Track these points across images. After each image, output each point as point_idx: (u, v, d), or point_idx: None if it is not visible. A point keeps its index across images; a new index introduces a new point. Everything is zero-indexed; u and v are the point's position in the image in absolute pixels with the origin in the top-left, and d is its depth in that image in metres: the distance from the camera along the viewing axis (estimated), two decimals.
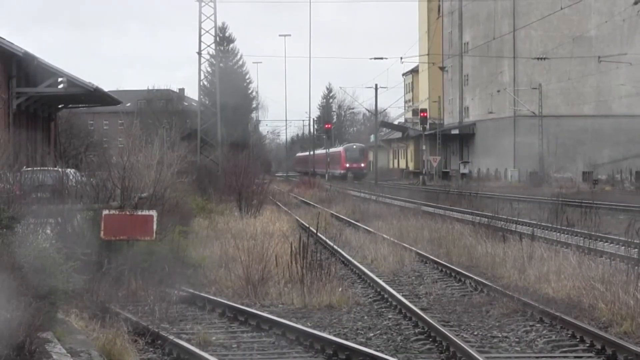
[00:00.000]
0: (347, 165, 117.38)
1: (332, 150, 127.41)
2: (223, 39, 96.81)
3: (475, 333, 14.99)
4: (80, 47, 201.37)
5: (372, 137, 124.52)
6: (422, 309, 16.35)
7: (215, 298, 17.66)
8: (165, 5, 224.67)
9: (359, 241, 28.26)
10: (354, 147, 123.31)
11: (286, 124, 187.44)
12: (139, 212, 18.17)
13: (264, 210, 38.28)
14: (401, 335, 14.88)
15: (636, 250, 19.01)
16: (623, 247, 20.75)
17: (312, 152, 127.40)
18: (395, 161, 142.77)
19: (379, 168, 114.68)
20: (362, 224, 33.82)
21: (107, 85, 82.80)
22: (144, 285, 17.00)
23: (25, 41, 65.69)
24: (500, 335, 14.79)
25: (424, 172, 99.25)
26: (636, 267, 17.85)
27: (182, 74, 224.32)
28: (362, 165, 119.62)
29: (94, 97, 48.78)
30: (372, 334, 15.06)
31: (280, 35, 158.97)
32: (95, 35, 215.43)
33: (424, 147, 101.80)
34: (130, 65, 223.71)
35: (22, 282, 10.82)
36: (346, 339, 13.99)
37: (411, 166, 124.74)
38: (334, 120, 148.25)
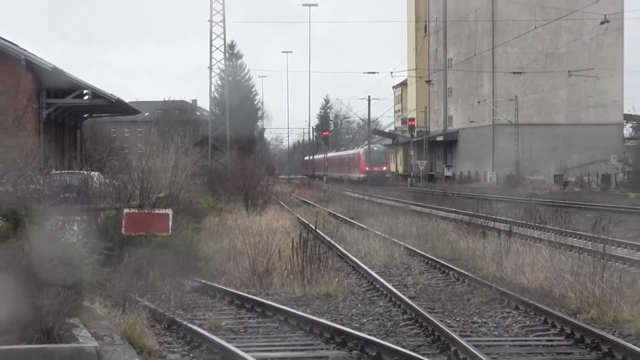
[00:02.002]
0: (368, 168, 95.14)
1: (349, 152, 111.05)
2: (232, 55, 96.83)
3: (458, 319, 15.00)
4: (101, 61, 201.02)
5: (365, 143, 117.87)
6: (410, 298, 16.36)
7: (224, 287, 17.66)
8: (179, 24, 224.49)
9: (353, 237, 28.25)
10: (375, 148, 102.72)
11: (288, 132, 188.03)
12: (157, 211, 18.15)
13: (268, 209, 38.25)
14: (391, 321, 14.89)
15: (602, 245, 19.02)
16: (590, 242, 20.76)
17: (311, 157, 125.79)
18: None
19: None
20: (356, 222, 33.81)
21: (126, 96, 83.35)
22: (161, 276, 16.99)
23: (52, 55, 65.75)
24: (480, 321, 14.80)
25: (412, 175, 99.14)
26: (602, 260, 17.86)
27: (195, 86, 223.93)
28: (384, 168, 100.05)
29: (116, 107, 48.76)
30: (365, 320, 15.07)
31: (282, 52, 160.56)
32: (115, 50, 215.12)
33: (412, 153, 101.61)
34: (147, 78, 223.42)
35: (52, 273, 10.82)
36: (342, 325, 13.98)
37: (400, 169, 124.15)
38: (331, 128, 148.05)
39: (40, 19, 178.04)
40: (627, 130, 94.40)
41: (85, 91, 43.77)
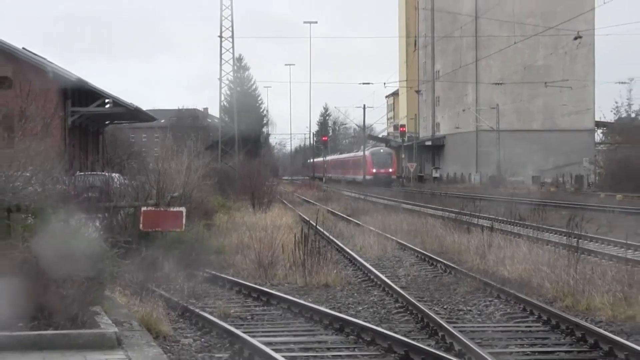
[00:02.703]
0: (374, 170, 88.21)
1: (355, 154, 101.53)
2: (240, 68, 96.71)
3: (445, 307, 14.99)
4: (122, 73, 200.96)
5: (361, 148, 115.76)
6: (401, 288, 16.35)
7: (232, 278, 17.67)
8: (192, 40, 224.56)
9: (350, 232, 28.25)
10: (382, 151, 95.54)
11: (291, 137, 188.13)
12: (171, 209, 18.18)
13: (273, 207, 38.20)
14: (385, 309, 14.89)
15: (575, 239, 19.01)
16: (565, 237, 20.75)
17: (312, 160, 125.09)
18: None
19: None
20: (353, 219, 33.79)
21: (143, 104, 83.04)
22: (175, 268, 17.01)
23: (77, 68, 65.74)
24: (465, 309, 14.80)
25: (402, 176, 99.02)
26: (575, 254, 17.86)
27: (206, 95, 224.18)
28: (391, 170, 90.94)
29: (134, 114, 48.86)
30: (361, 308, 15.06)
31: (286, 65, 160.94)
32: (134, 63, 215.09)
33: (403, 156, 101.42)
34: (163, 88, 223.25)
35: (76, 265, 10.82)
36: (340, 312, 13.99)
37: None
38: (330, 134, 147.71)
39: (67, 35, 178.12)
40: (598, 135, 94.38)
41: (106, 100, 43.90)
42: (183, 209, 18.14)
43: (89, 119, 44.96)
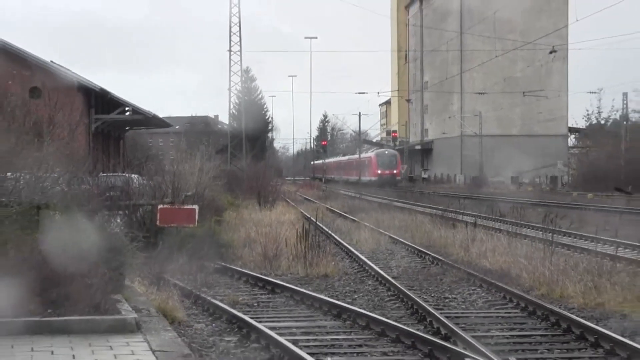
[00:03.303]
0: (379, 172, 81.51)
1: (361, 156, 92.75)
2: (247, 79, 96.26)
3: (432, 295, 15.00)
4: (140, 83, 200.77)
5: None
6: (393, 278, 16.36)
7: (241, 269, 17.68)
8: (204, 53, 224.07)
9: (347, 228, 28.26)
10: (386, 152, 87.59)
11: (293, 141, 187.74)
12: (185, 206, 18.14)
13: (277, 205, 38.19)
14: (378, 297, 14.90)
15: (550, 234, 19.06)
16: (541, 232, 20.79)
17: (312, 162, 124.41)
18: None
19: None
20: (349, 215, 33.80)
21: (160, 112, 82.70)
22: (188, 260, 17.00)
23: (100, 78, 65.79)
24: (450, 297, 14.81)
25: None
26: (550, 247, 17.92)
27: (216, 103, 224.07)
28: (395, 172, 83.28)
29: (152, 121, 48.81)
30: (356, 296, 15.07)
31: (288, 76, 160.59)
32: (151, 74, 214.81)
33: None
34: (177, 97, 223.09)
35: (99, 257, 10.83)
36: (337, 300, 14.00)
37: None
38: (329, 138, 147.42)
39: (90, 49, 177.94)
40: (571, 140, 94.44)
41: (126, 108, 43.86)
42: (196, 207, 18.10)
43: (110, 125, 44.94)
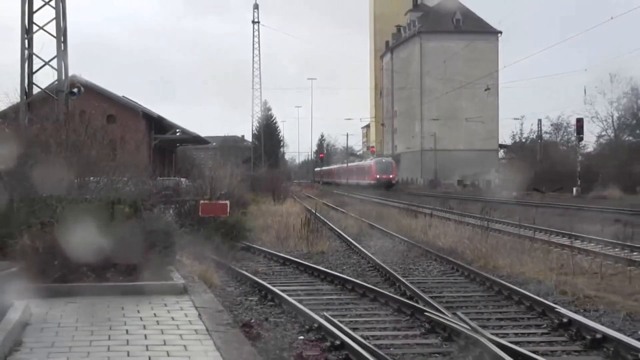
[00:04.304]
0: (378, 176, 72.18)
1: (361, 163, 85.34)
2: (265, 109, 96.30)
3: (400, 267, 14.96)
4: (187, 111, 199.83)
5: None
6: (372, 254, 16.32)
7: (260, 248, 17.66)
8: (234, 88, 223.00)
9: (338, 217, 28.20)
10: (384, 160, 78.13)
11: (298, 154, 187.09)
12: (220, 202, 18.12)
13: (287, 201, 38.16)
14: (360, 268, 14.88)
15: (486, 222, 19.07)
16: (479, 220, 20.77)
17: (315, 169, 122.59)
18: None
19: None
20: (340, 208, 33.74)
21: (201, 132, 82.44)
22: (222, 241, 16.99)
23: (154, 107, 65.53)
24: (414, 268, 14.79)
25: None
26: (486, 231, 17.91)
27: (243, 127, 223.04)
28: (391, 176, 73.67)
29: (195, 139, 48.80)
30: (345, 267, 15.05)
31: (295, 106, 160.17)
32: (195, 104, 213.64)
33: None
34: (214, 121, 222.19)
35: (157, 239, 10.80)
36: (331, 270, 13.99)
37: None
38: (325, 151, 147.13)
39: (150, 85, 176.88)
40: (501, 154, 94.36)
41: (177, 130, 43.81)
42: (227, 202, 18.08)
43: (165, 143, 44.85)
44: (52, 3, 16.81)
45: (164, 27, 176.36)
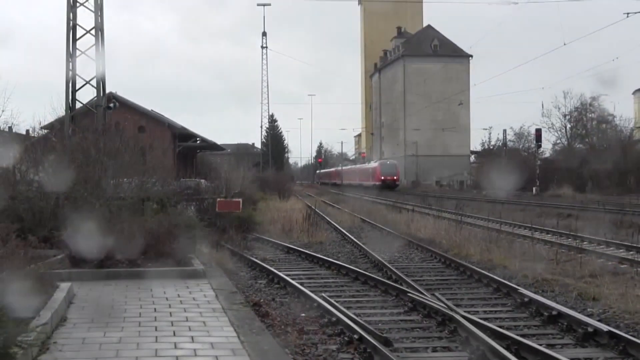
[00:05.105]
0: (382, 177, 65.16)
1: (367, 165, 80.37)
2: (272, 121, 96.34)
3: (387, 254, 14.84)
4: (205, 122, 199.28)
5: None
6: (363, 244, 16.27)
7: (268, 238, 17.60)
8: (245, 101, 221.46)
9: (334, 212, 28.14)
10: (388, 162, 70.21)
11: (300, 159, 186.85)
12: (234, 199, 18.07)
13: (290, 198, 38.06)
14: (353, 255, 14.85)
15: (460, 216, 19.03)
16: (454, 215, 20.75)
17: (318, 171, 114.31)
18: None
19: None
20: (335, 205, 33.66)
21: (217, 140, 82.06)
22: (235, 232, 16.95)
23: (178, 119, 65.23)
24: (398, 255, 14.74)
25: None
26: (459, 224, 17.88)
27: (253, 135, 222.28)
28: (395, 178, 66.06)
29: (213, 146, 48.76)
30: (340, 255, 15.00)
31: (298, 118, 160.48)
32: (212, 116, 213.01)
33: None
34: (229, 131, 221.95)
35: (180, 231, 10.80)
36: (328, 257, 13.95)
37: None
38: (323, 157, 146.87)
39: (176, 101, 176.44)
40: (472, 158, 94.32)
41: (197, 138, 43.73)
42: (240, 200, 18.04)
43: (187, 149, 44.74)
44: (92, 32, 16.91)
45: (184, 52, 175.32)
